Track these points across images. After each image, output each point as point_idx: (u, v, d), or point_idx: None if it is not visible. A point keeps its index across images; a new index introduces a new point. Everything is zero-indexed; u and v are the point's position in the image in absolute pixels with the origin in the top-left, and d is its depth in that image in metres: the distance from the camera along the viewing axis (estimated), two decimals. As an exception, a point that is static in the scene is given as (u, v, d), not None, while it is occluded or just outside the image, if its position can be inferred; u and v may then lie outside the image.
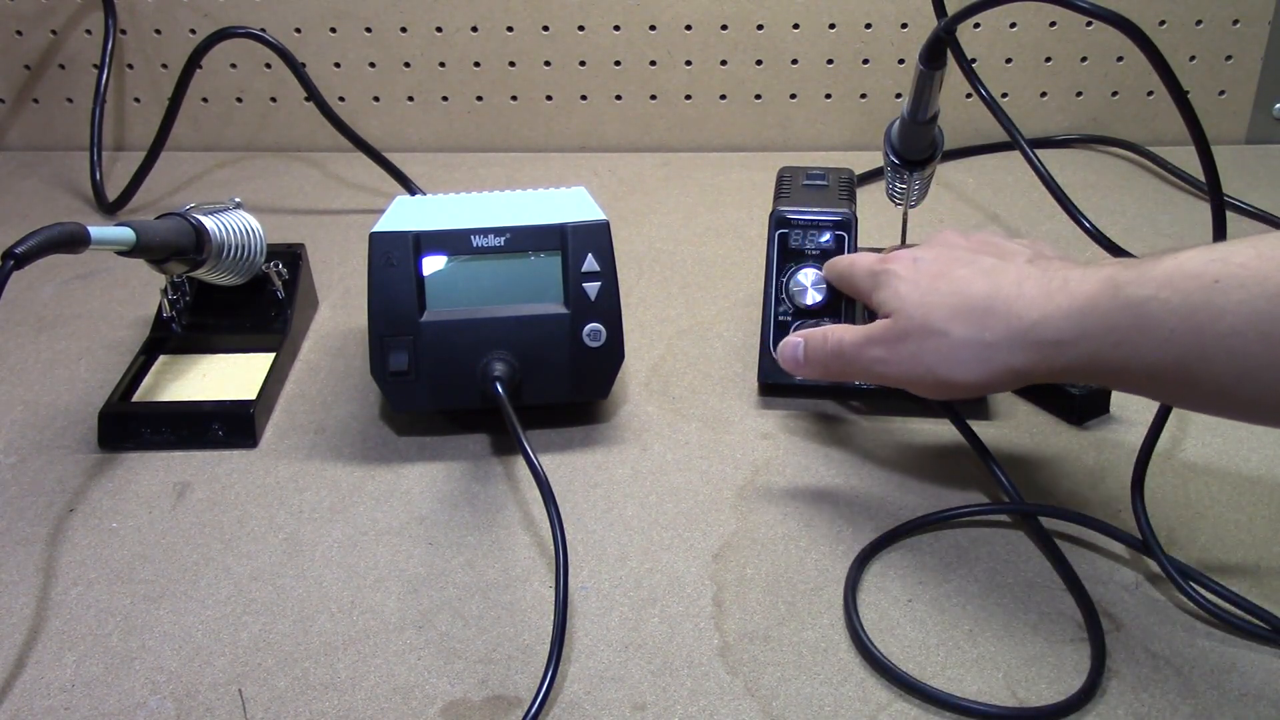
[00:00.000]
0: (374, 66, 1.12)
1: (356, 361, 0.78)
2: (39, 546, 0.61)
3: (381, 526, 0.62)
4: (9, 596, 0.58)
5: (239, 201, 0.76)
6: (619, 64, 1.11)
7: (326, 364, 0.78)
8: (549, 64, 1.11)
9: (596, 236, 0.67)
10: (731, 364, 0.76)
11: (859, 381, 0.71)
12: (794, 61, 1.10)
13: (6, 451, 0.69)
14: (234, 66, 1.12)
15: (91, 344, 0.81)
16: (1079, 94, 1.10)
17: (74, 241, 0.58)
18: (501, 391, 0.63)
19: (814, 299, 0.69)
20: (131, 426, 0.69)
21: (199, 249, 0.69)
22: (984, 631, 0.54)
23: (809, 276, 0.69)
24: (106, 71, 1.08)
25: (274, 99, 1.13)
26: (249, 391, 0.71)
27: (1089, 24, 1.07)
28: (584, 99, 1.12)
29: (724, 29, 1.09)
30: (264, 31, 0.96)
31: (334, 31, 1.10)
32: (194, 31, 1.10)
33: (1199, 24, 1.07)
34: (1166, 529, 0.60)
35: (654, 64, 1.10)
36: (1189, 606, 0.55)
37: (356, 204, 1.03)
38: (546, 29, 1.09)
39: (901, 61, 1.09)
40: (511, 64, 1.11)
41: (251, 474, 0.67)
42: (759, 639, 0.54)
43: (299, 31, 1.10)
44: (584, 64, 1.11)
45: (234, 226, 0.73)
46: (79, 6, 1.11)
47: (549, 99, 1.13)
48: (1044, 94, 1.10)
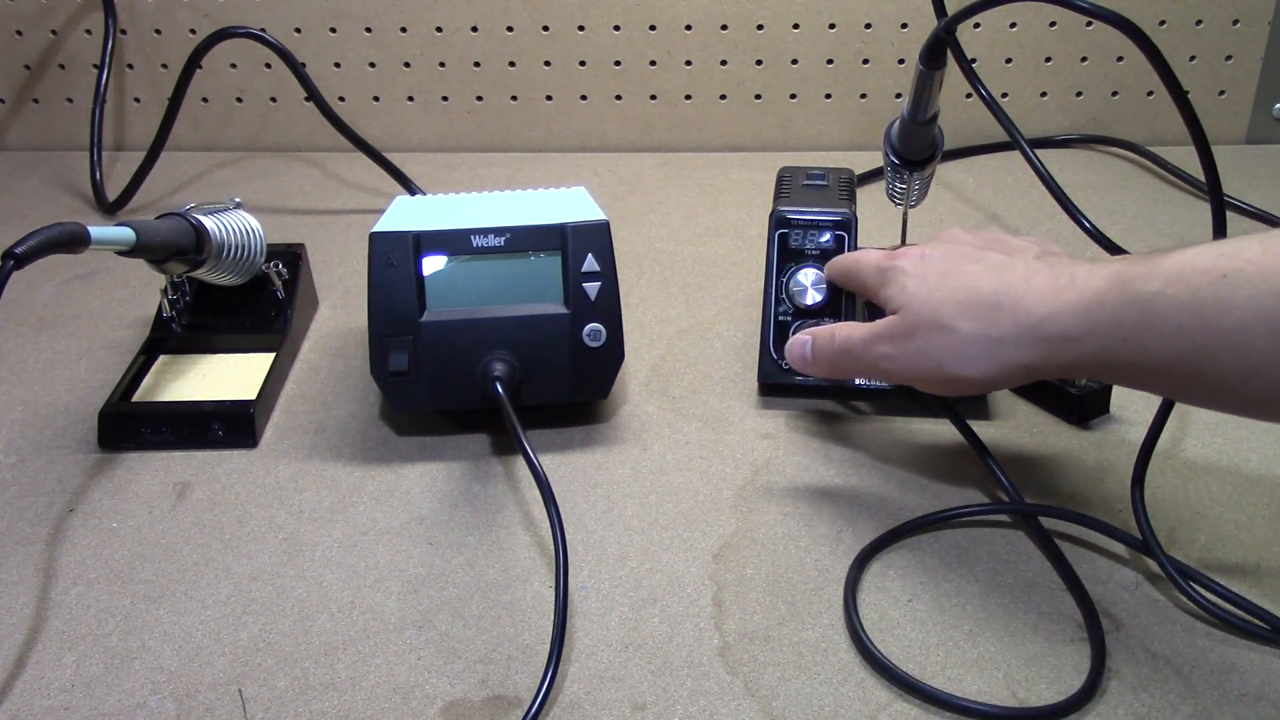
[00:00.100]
0: (374, 66, 1.12)
1: (356, 361, 0.78)
2: (39, 546, 0.61)
3: (381, 526, 0.62)
4: (9, 596, 0.58)
5: (239, 201, 0.76)
6: (619, 64, 1.11)
7: (326, 364, 0.78)
8: (549, 64, 1.11)
9: (596, 236, 0.67)
10: (731, 364, 0.76)
11: (866, 379, 0.71)
12: (794, 61, 1.10)
13: (6, 451, 0.69)
14: (234, 66, 1.12)
15: (91, 344, 0.81)
16: (1079, 94, 1.10)
17: (74, 241, 0.58)
18: (501, 391, 0.63)
19: (814, 299, 0.69)
20: (131, 426, 0.69)
21: (199, 249, 0.69)
22: (984, 631, 0.54)
23: (809, 276, 0.69)
24: (106, 71, 1.08)
25: (274, 99, 1.13)
26: (249, 391, 0.71)
27: (1089, 24, 1.07)
28: (584, 99, 1.12)
29: (724, 29, 1.08)
30: (264, 31, 0.96)
31: (334, 31, 1.10)
32: (194, 31, 1.10)
33: (1199, 24, 1.07)
34: (1166, 529, 0.60)
35: (654, 64, 1.10)
36: (1189, 606, 0.55)
37: (356, 204, 1.03)
38: (546, 29, 1.09)
39: (901, 61, 1.09)
40: (511, 64, 1.11)
41: (251, 474, 0.67)
42: (759, 639, 0.54)
43: (299, 31, 1.10)
44: (584, 64, 1.11)
45: (234, 226, 0.73)
46: (79, 6, 1.11)
47: (549, 99, 1.13)
48: (1044, 94, 1.10)
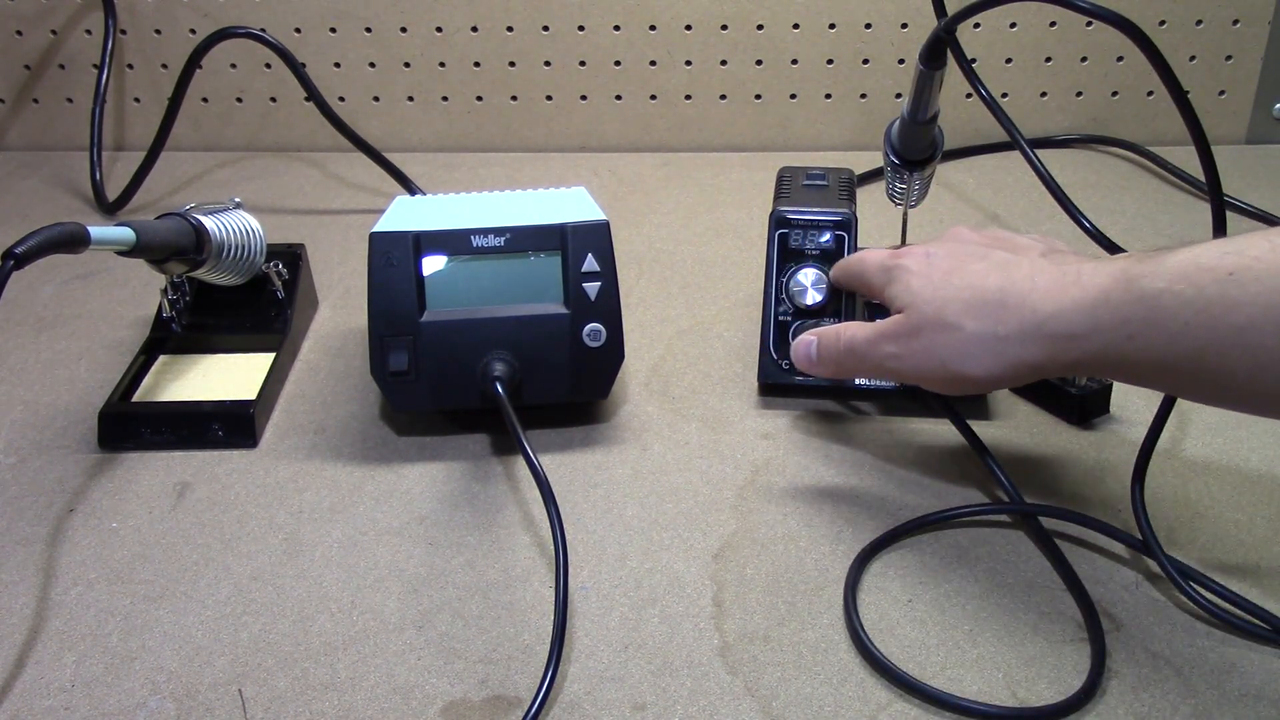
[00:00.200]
0: (374, 66, 1.12)
1: (356, 361, 0.78)
2: (39, 546, 0.61)
3: (381, 526, 0.62)
4: (9, 596, 0.58)
5: (239, 201, 0.76)
6: (619, 64, 1.11)
7: (326, 364, 0.78)
8: (549, 64, 1.11)
9: (596, 236, 0.67)
10: (731, 364, 0.76)
11: (872, 379, 0.71)
12: (794, 61, 1.10)
13: (6, 451, 0.69)
14: (234, 66, 1.12)
15: (91, 344, 0.81)
16: (1079, 94, 1.10)
17: (74, 241, 0.58)
18: (501, 391, 0.63)
19: (814, 299, 0.69)
20: (131, 426, 0.69)
21: (199, 249, 0.69)
22: (984, 631, 0.54)
23: (809, 276, 0.69)
24: (106, 71, 1.08)
25: (274, 99, 1.13)
26: (249, 391, 0.71)
27: (1089, 24, 1.07)
28: (584, 99, 1.12)
29: (724, 29, 1.09)
30: (264, 31, 0.96)
31: (334, 31, 1.10)
32: (194, 31, 1.10)
33: (1199, 24, 1.07)
34: (1166, 529, 0.60)
35: (654, 64, 1.10)
36: (1189, 606, 0.55)
37: (356, 204, 1.03)
38: (546, 29, 1.09)
39: (901, 61, 1.09)
40: (511, 64, 1.11)
41: (251, 474, 0.67)
42: (759, 639, 0.54)
43: (299, 31, 1.10)
44: (584, 64, 1.11)
45: (234, 226, 0.73)
46: (79, 6, 1.11)
47: (549, 99, 1.13)
48: (1044, 94, 1.10)
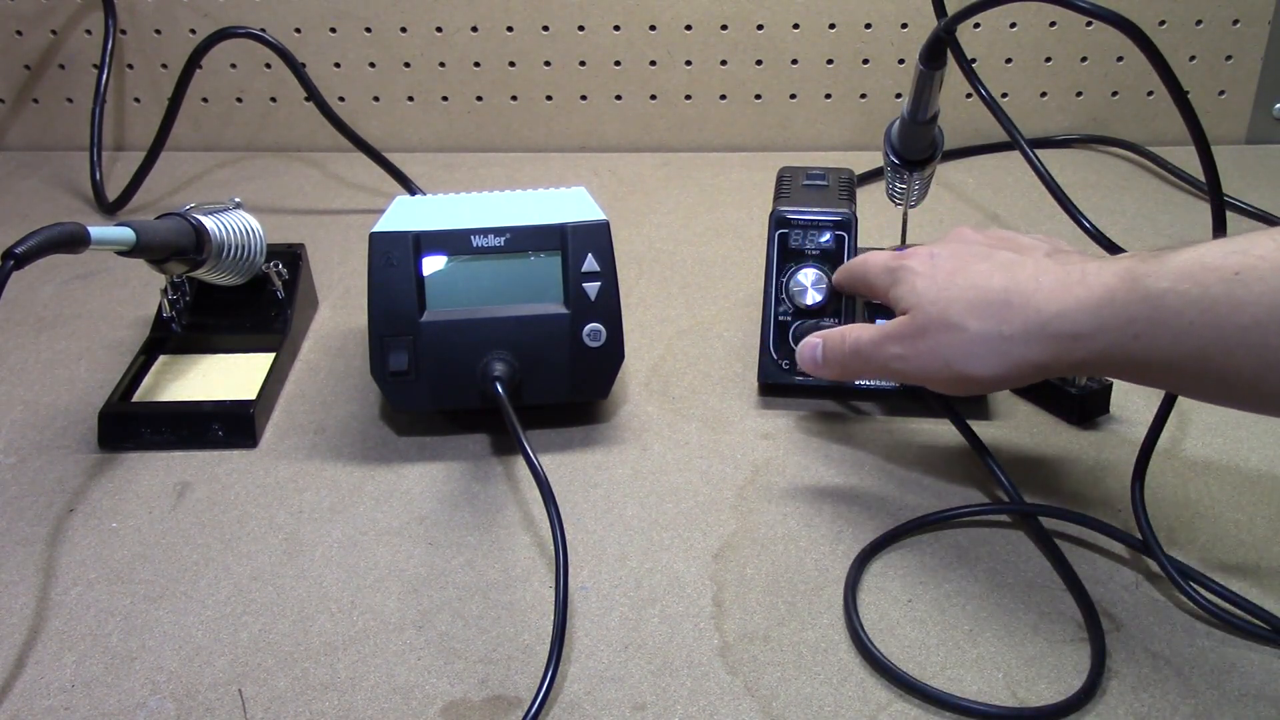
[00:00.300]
0: (374, 66, 1.12)
1: (356, 361, 0.78)
2: (39, 546, 0.61)
3: (381, 526, 0.62)
4: (9, 596, 0.58)
5: (239, 201, 0.76)
6: (619, 64, 1.11)
7: (326, 364, 0.78)
8: (549, 64, 1.11)
9: (596, 236, 0.67)
10: (731, 364, 0.76)
11: (876, 380, 0.71)
12: (794, 61, 1.10)
13: (6, 451, 0.69)
14: (234, 66, 1.12)
15: (91, 344, 0.81)
16: (1079, 94, 1.10)
17: (74, 241, 0.58)
18: (501, 391, 0.63)
19: (814, 299, 0.69)
20: (131, 426, 0.69)
21: (199, 249, 0.69)
22: (984, 631, 0.54)
23: (809, 276, 0.69)
24: (106, 71, 1.08)
25: (274, 99, 1.13)
26: (249, 391, 0.71)
27: (1089, 24, 1.07)
28: (584, 99, 1.12)
29: (724, 29, 1.09)
30: (264, 31, 0.96)
31: (334, 31, 1.10)
32: (194, 31, 1.10)
33: (1199, 24, 1.07)
34: (1166, 529, 0.60)
35: (654, 64, 1.10)
36: (1189, 606, 0.55)
37: (356, 204, 1.03)
38: (546, 29, 1.09)
39: (901, 61, 1.09)
40: (511, 64, 1.11)
41: (251, 474, 0.67)
42: (759, 639, 0.54)
43: (299, 31, 1.10)
44: (584, 64, 1.11)
45: (234, 226, 0.73)
46: (79, 6, 1.11)
47: (549, 99, 1.13)
48: (1044, 94, 1.10)
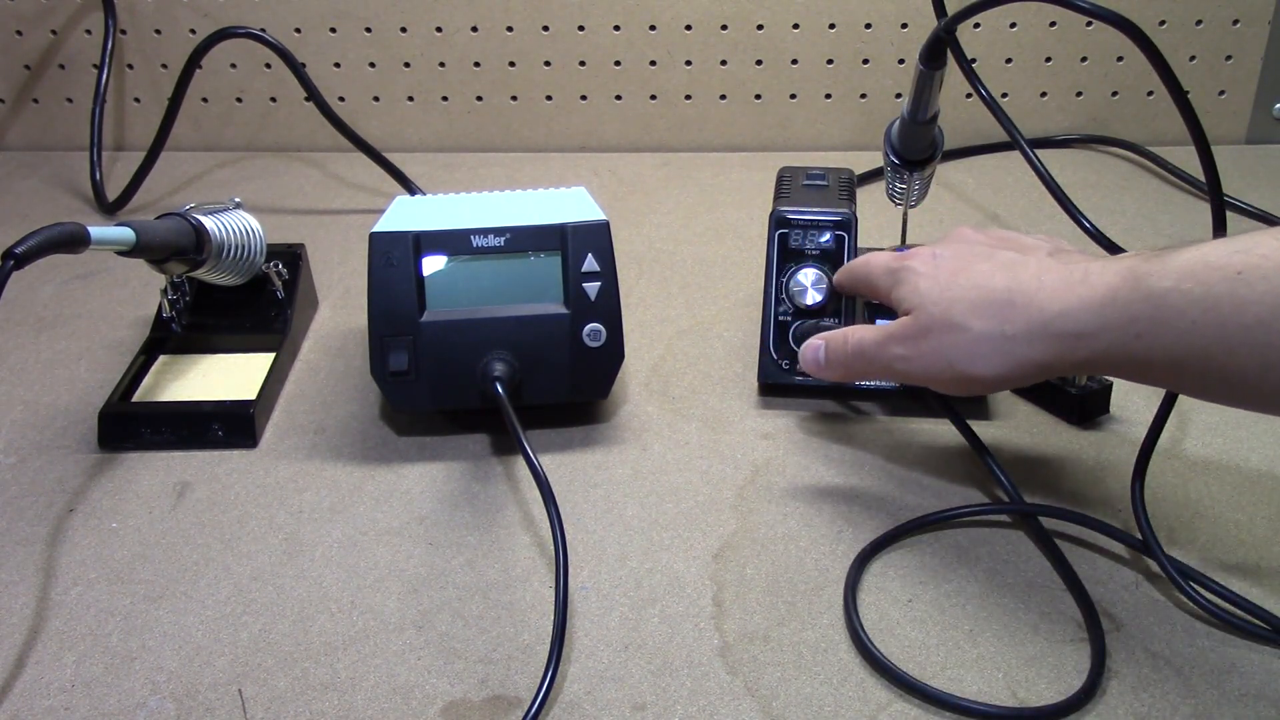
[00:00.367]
0: (374, 66, 1.12)
1: (356, 361, 0.78)
2: (39, 546, 0.61)
3: (381, 526, 0.62)
4: (9, 596, 0.58)
5: (239, 201, 0.76)
6: (619, 64, 1.11)
7: (326, 364, 0.78)
8: (549, 64, 1.11)
9: (596, 236, 0.67)
10: (731, 364, 0.76)
11: (879, 381, 0.71)
12: (794, 61, 1.10)
13: (6, 451, 0.69)
14: (234, 66, 1.12)
15: (91, 344, 0.81)
16: (1079, 94, 1.10)
17: (74, 241, 0.58)
18: (501, 391, 0.63)
19: (814, 299, 0.69)
20: (131, 426, 0.69)
21: (199, 249, 0.69)
22: (984, 631, 0.54)
23: (809, 276, 0.69)
24: (106, 71, 1.08)
25: (274, 99, 1.13)
26: (249, 391, 0.71)
27: (1089, 24, 1.07)
28: (584, 99, 1.12)
29: (724, 29, 1.09)
30: (264, 31, 0.96)
31: (334, 31, 1.10)
32: (194, 31, 1.10)
33: (1199, 24, 1.07)
34: (1166, 529, 0.60)
35: (654, 64, 1.10)
36: (1189, 606, 0.55)
37: (356, 204, 1.03)
38: (546, 29, 1.09)
39: (901, 61, 1.09)
40: (511, 64, 1.11)
41: (251, 474, 0.67)
42: (759, 639, 0.54)
43: (299, 31, 1.10)
44: (584, 64, 1.11)
45: (234, 226, 0.73)
46: (79, 6, 1.11)
47: (549, 99, 1.13)
48: (1044, 94, 1.10)
